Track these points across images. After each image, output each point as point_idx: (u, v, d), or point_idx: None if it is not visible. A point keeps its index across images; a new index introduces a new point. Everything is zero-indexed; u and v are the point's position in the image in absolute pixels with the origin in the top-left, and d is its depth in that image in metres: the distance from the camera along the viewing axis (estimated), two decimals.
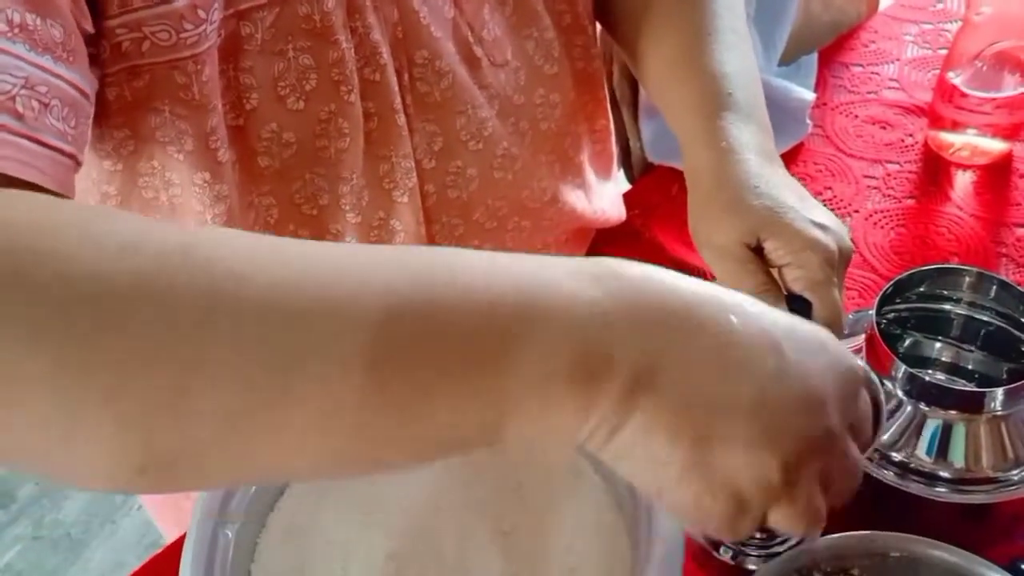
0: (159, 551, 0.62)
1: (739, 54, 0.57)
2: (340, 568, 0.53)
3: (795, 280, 0.48)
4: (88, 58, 0.41)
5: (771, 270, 0.51)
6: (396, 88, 0.54)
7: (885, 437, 0.54)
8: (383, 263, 0.31)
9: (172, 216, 0.52)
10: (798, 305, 0.49)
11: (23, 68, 0.36)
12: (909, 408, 0.53)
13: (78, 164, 0.40)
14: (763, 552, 0.56)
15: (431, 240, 0.60)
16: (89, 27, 0.41)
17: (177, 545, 0.51)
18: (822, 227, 0.49)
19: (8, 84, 0.35)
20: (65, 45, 0.38)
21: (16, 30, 0.35)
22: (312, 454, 0.31)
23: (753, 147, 0.53)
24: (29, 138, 0.36)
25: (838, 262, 0.49)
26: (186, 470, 0.30)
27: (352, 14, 0.51)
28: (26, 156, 0.36)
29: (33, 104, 0.36)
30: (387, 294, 0.30)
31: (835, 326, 0.49)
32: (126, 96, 0.45)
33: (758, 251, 0.50)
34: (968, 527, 0.56)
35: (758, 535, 0.56)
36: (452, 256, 0.33)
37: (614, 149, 0.77)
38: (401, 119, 0.54)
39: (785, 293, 0.50)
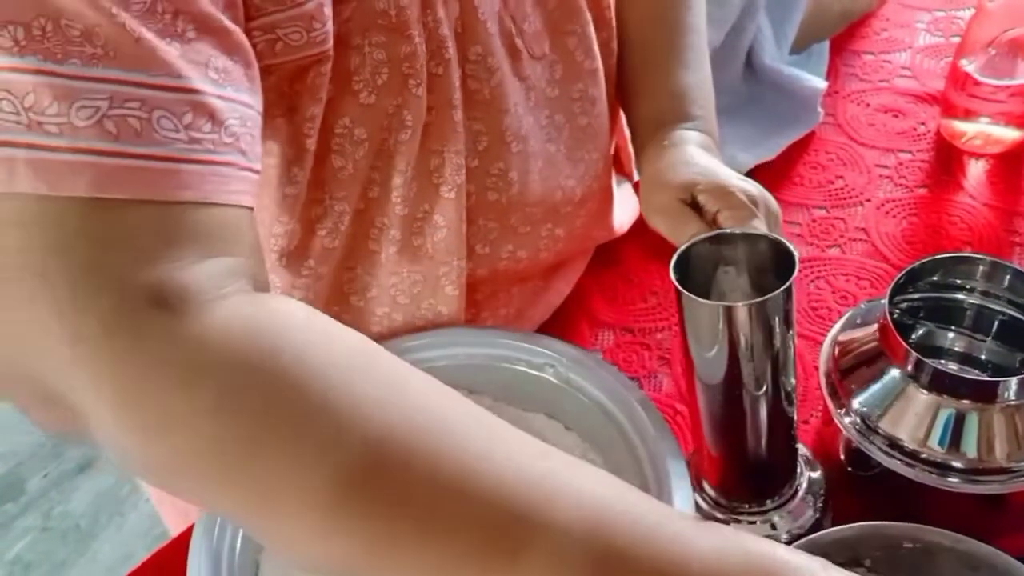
0: (167, 542, 0.62)
1: (696, 71, 0.64)
2: None
3: (725, 220, 0.52)
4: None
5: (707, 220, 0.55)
6: (457, 83, 0.54)
7: (895, 426, 0.53)
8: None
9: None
10: None
11: (236, 109, 0.40)
12: (922, 398, 0.53)
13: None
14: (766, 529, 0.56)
15: (468, 241, 0.60)
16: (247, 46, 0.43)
17: (185, 536, 0.51)
18: (745, 180, 0.55)
19: (234, 126, 0.39)
20: (248, 76, 0.41)
21: (222, 75, 0.39)
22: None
23: (693, 143, 0.60)
24: (250, 169, 0.41)
25: (765, 215, 0.53)
26: None
27: (425, 9, 0.51)
28: (248, 186, 0.40)
29: (248, 138, 0.40)
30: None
31: None
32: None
33: (694, 207, 0.55)
34: (982, 517, 0.55)
35: (753, 506, 0.56)
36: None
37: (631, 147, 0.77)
38: (458, 114, 0.55)
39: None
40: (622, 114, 0.70)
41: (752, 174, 0.79)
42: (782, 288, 0.45)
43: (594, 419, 0.56)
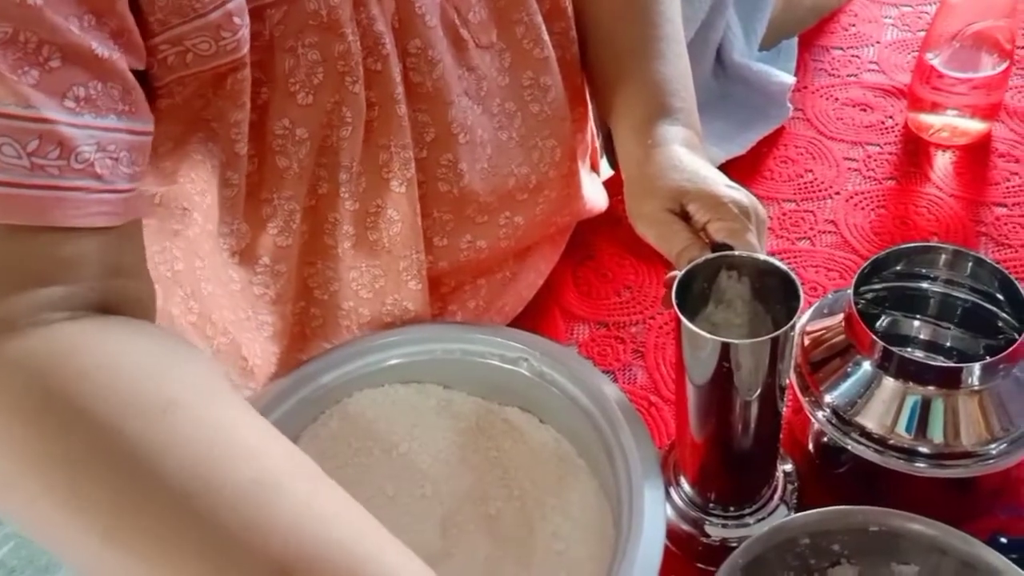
0: None
1: (673, 63, 0.64)
2: None
3: (716, 231, 0.52)
4: (144, 90, 0.45)
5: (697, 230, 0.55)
6: (398, 78, 0.54)
7: (865, 414, 0.54)
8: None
9: (191, 191, 0.54)
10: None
11: (93, 135, 0.41)
12: (889, 386, 0.54)
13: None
14: (737, 524, 0.56)
15: (425, 233, 0.60)
16: (141, 62, 0.45)
17: None
18: (735, 188, 0.55)
19: (86, 153, 0.41)
20: (124, 99, 0.43)
21: (82, 103, 0.41)
22: None
23: (678, 141, 0.59)
24: (109, 191, 0.43)
25: (755, 225, 0.53)
26: None
27: (358, 7, 0.52)
28: (108, 208, 0.43)
29: (107, 162, 0.42)
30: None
31: None
32: (177, 102, 0.48)
33: (683, 216, 0.55)
34: (949, 502, 0.56)
35: (732, 508, 0.57)
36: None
37: (591, 138, 0.77)
38: (401, 108, 0.55)
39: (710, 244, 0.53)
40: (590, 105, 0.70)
41: (723, 168, 0.79)
42: (786, 327, 0.46)
43: (568, 412, 0.56)
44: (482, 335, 0.59)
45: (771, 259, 0.49)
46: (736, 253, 0.50)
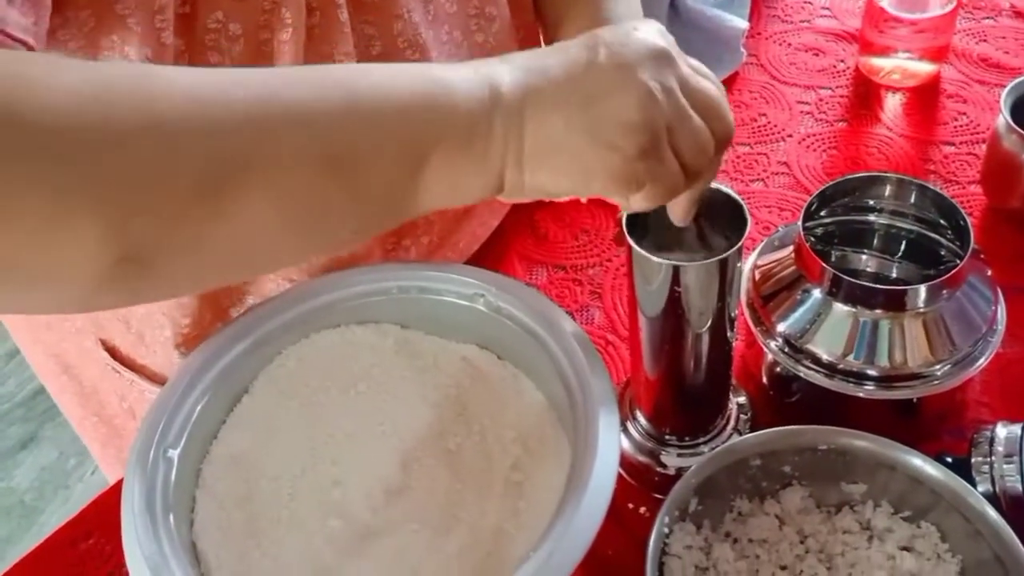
0: (107, 488, 0.62)
1: (625, 4, 0.64)
2: (288, 494, 0.53)
3: None
4: None
5: None
6: None
7: (815, 341, 0.55)
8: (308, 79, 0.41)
9: None
10: None
11: None
12: (837, 311, 0.55)
13: None
14: (691, 453, 0.58)
15: None
16: None
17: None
18: None
19: None
20: None
21: None
22: (268, 234, 0.40)
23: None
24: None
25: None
26: (159, 259, 0.37)
27: None
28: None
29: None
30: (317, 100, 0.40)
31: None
32: None
33: None
34: (897, 426, 0.58)
35: (687, 438, 0.58)
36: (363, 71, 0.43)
37: None
38: (344, 15, 0.54)
39: None
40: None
41: None
42: (734, 248, 0.47)
43: (526, 346, 0.57)
44: (437, 272, 0.59)
45: (718, 185, 0.50)
46: None
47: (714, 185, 0.50)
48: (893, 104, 0.85)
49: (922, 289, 0.53)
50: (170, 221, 0.37)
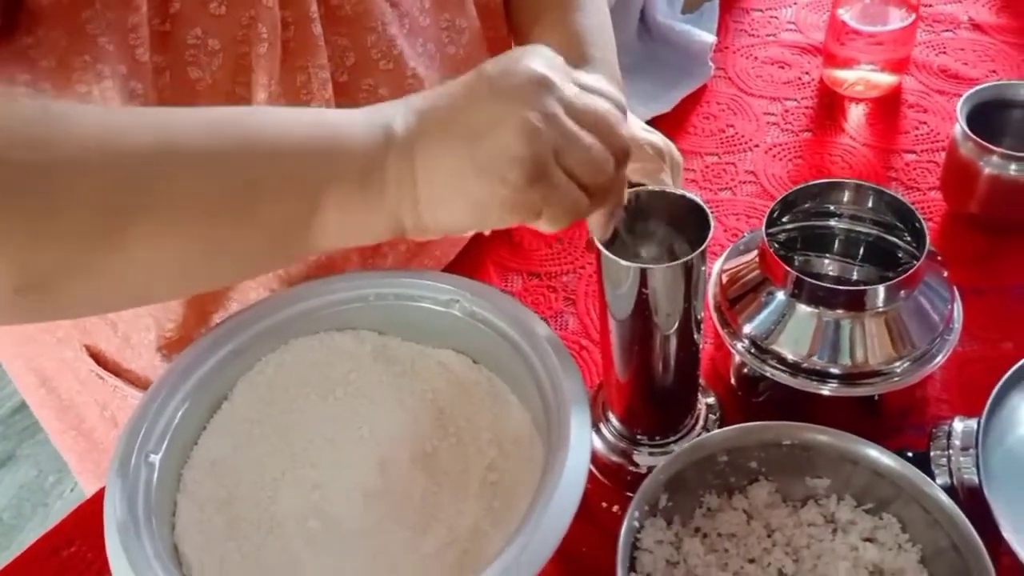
0: (87, 498, 0.62)
1: (592, 15, 0.66)
2: (268, 497, 0.54)
3: (633, 172, 0.55)
4: None
5: None
6: None
7: (779, 341, 0.57)
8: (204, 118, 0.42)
9: None
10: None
11: None
12: (802, 312, 0.57)
13: None
14: (662, 452, 0.59)
15: None
16: None
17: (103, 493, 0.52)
18: (651, 132, 0.58)
19: None
20: None
21: None
22: (163, 268, 0.42)
23: None
24: None
25: (670, 166, 0.56)
26: (58, 288, 0.40)
27: None
28: None
29: None
30: (210, 137, 0.41)
31: None
32: (63, 3, 0.47)
33: None
34: (861, 423, 0.59)
35: (658, 438, 0.59)
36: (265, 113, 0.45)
37: None
38: (317, 28, 0.56)
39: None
40: None
41: (650, 125, 0.82)
42: (698, 251, 0.48)
43: (500, 351, 0.58)
44: (414, 279, 0.60)
45: (682, 191, 0.51)
46: (649, 188, 0.52)
47: (680, 192, 0.52)
48: (856, 114, 0.87)
49: (880, 289, 0.55)
50: (68, 256, 0.39)
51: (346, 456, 0.56)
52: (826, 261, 0.65)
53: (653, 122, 0.86)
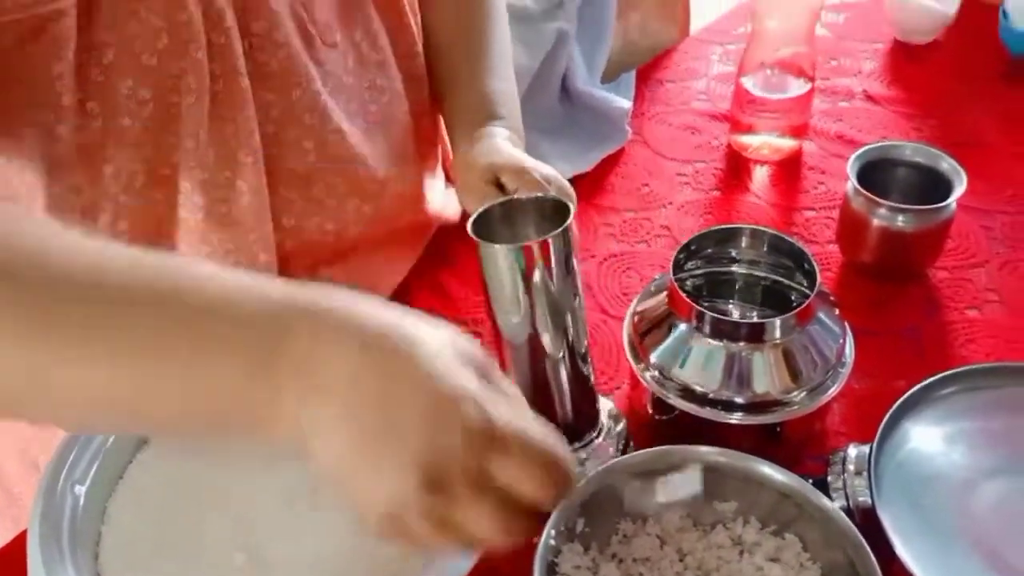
0: (7, 542, 0.62)
1: (502, 78, 0.72)
2: (194, 530, 0.54)
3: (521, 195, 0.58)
4: None
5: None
6: (240, 51, 0.58)
7: (687, 373, 0.61)
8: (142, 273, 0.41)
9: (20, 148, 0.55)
10: None
11: None
12: (705, 345, 0.61)
13: None
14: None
15: (273, 211, 0.64)
16: None
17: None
18: (543, 165, 0.63)
19: None
20: None
21: None
22: (79, 407, 0.41)
23: (501, 137, 0.68)
24: None
25: (556, 192, 0.60)
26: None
27: None
28: None
29: None
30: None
31: None
32: None
33: (499, 187, 0.63)
34: (766, 451, 0.62)
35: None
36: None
37: (440, 149, 0.82)
38: (245, 82, 0.59)
39: None
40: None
41: (571, 182, 0.87)
42: (562, 227, 0.52)
43: None
44: None
45: (549, 194, 0.56)
46: (523, 196, 0.56)
47: (551, 196, 0.56)
48: (761, 175, 0.94)
49: (777, 322, 0.59)
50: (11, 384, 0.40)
51: (273, 488, 0.57)
52: (729, 305, 0.69)
53: (573, 180, 0.91)
